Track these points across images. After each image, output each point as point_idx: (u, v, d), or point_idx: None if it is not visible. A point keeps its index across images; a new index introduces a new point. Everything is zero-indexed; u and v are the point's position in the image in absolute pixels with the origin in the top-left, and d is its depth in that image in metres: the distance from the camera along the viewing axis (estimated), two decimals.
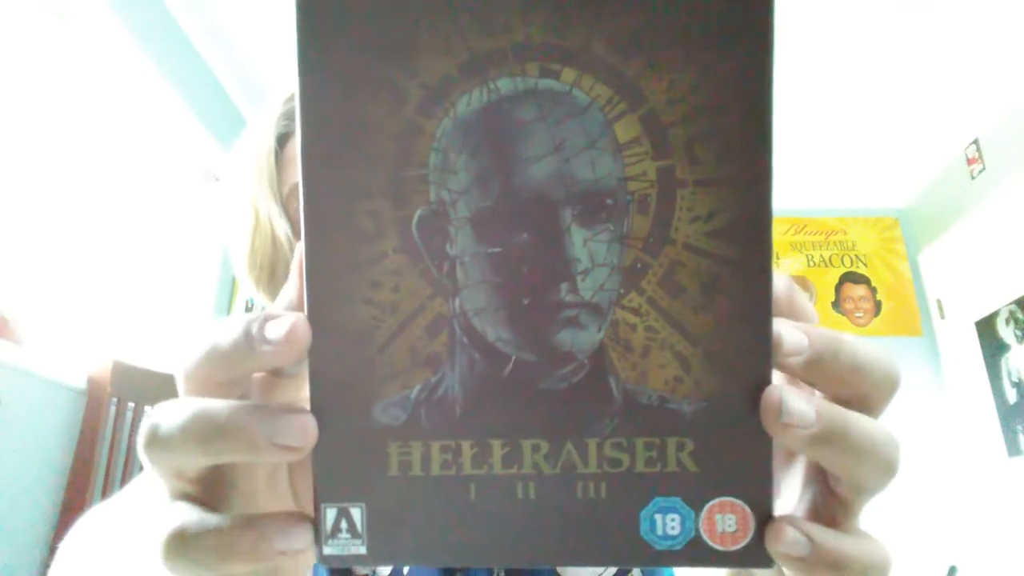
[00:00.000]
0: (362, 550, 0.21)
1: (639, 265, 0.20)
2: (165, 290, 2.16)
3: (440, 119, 0.20)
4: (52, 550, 0.42)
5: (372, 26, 0.19)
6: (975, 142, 2.73)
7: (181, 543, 0.20)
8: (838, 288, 3.15)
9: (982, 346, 2.71)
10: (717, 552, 0.20)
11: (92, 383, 1.57)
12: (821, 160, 3.01)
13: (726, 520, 0.20)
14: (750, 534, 0.20)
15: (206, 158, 2.32)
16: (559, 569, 0.58)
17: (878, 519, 0.36)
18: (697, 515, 0.21)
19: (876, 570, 0.21)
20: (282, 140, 0.59)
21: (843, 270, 3.18)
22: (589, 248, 0.20)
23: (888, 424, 0.22)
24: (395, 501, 0.21)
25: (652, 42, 0.19)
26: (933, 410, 2.90)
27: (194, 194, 2.29)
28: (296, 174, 0.66)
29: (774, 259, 0.20)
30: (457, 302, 0.21)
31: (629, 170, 0.20)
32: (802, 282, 3.16)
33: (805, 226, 3.26)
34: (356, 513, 0.21)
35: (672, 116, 0.20)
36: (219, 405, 0.20)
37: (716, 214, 0.20)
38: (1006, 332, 2.57)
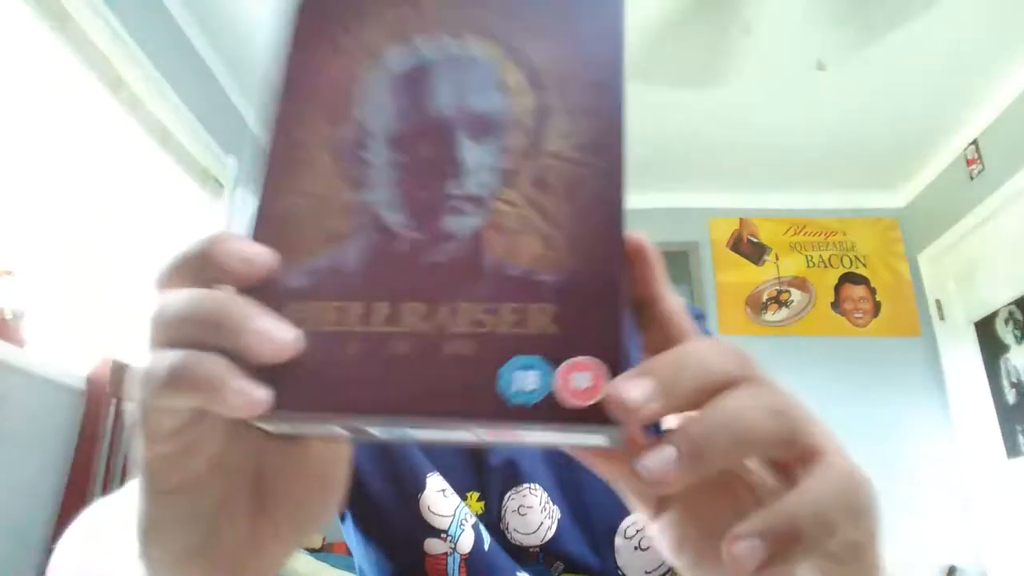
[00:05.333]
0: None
1: (516, 169, 0.25)
2: None
3: (373, 71, 0.27)
4: (52, 550, 0.42)
5: (338, 12, 0.28)
6: (974, 142, 2.73)
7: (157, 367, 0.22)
8: (837, 289, 3.15)
9: (981, 347, 2.71)
10: (569, 410, 0.22)
11: (92, 383, 1.57)
12: (821, 160, 3.01)
13: (581, 377, 0.22)
14: (601, 392, 0.22)
15: (206, 158, 2.32)
16: (621, 565, 0.58)
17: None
18: (553, 371, 0.22)
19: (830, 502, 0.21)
20: None
21: (842, 271, 3.18)
22: (476, 155, 0.26)
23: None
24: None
25: (531, 13, 0.27)
26: (932, 411, 2.91)
27: (194, 194, 2.29)
28: None
29: (625, 167, 0.25)
30: (366, 195, 0.26)
31: (511, 102, 0.26)
32: (801, 284, 3.16)
33: (805, 226, 3.26)
34: None
35: (546, 64, 0.27)
36: (214, 292, 0.23)
37: (579, 133, 0.26)
38: (1005, 333, 2.57)
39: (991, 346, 2.65)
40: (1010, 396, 2.55)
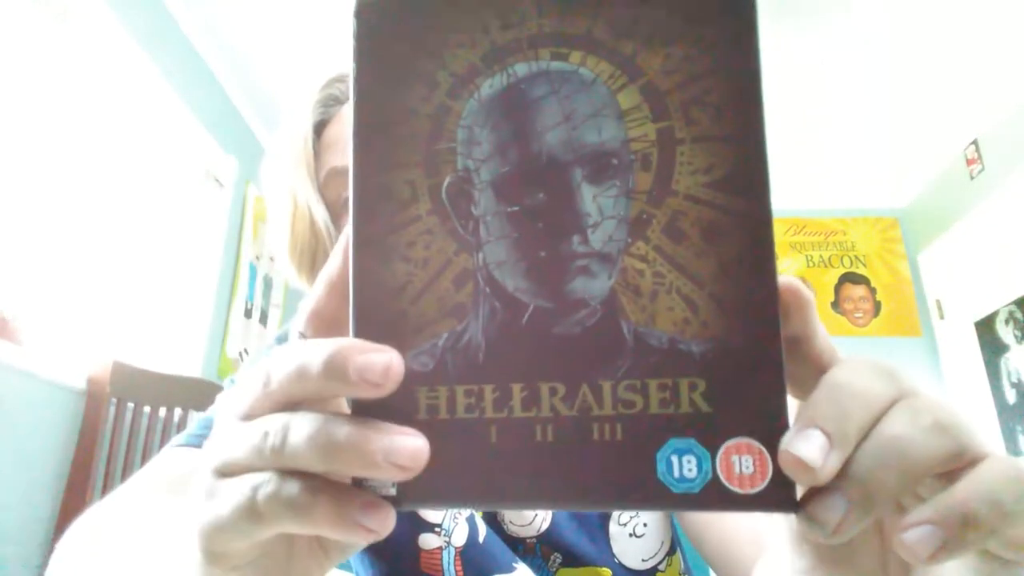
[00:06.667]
0: (392, 492, 0.22)
1: (644, 216, 0.22)
2: (165, 291, 2.16)
3: (466, 101, 0.23)
4: (52, 550, 0.42)
5: (412, 30, 0.23)
6: (975, 142, 2.73)
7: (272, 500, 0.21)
8: (837, 288, 3.15)
9: (981, 346, 2.71)
10: (736, 495, 0.20)
11: (92, 383, 1.57)
12: (821, 160, 3.01)
13: (743, 462, 0.21)
14: (768, 476, 0.20)
15: (206, 158, 2.32)
16: (616, 553, 0.58)
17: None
18: (713, 456, 0.21)
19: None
20: (318, 127, 0.59)
21: (843, 270, 3.18)
22: (598, 203, 0.22)
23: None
24: None
25: (646, 24, 0.22)
26: None
27: (194, 194, 2.29)
28: (333, 159, 0.65)
29: (771, 206, 0.21)
30: (480, 256, 0.23)
31: (631, 132, 0.22)
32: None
33: (805, 226, 3.26)
34: None
35: (668, 84, 0.22)
36: (339, 421, 0.21)
37: (713, 167, 0.22)
38: (1005, 332, 2.57)
39: (991, 346, 2.65)
40: (1010, 396, 2.55)
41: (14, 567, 1.38)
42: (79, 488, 1.48)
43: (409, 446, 0.21)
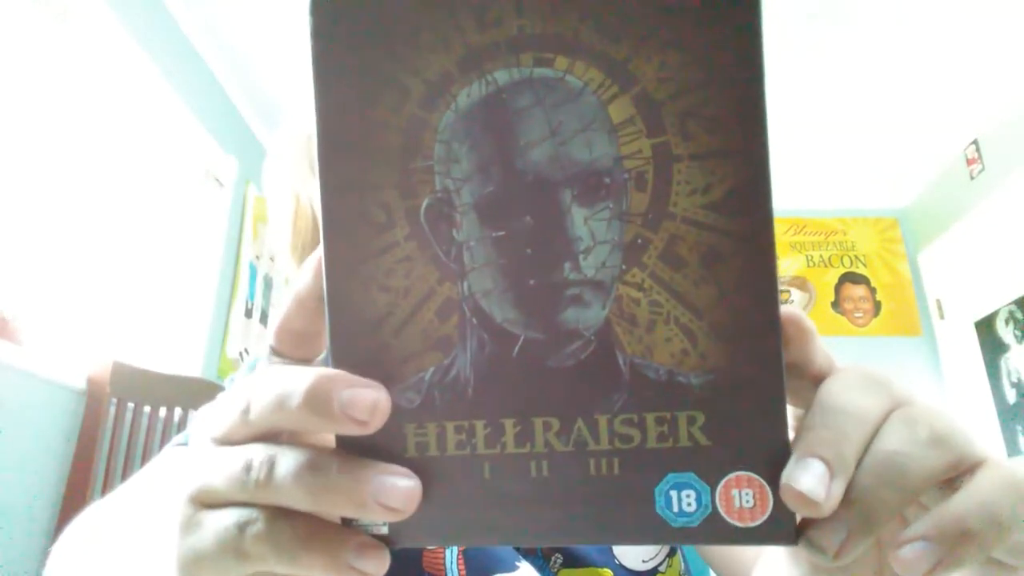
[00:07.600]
0: (384, 530, 0.21)
1: (640, 241, 0.21)
2: (165, 291, 2.16)
3: (443, 112, 0.21)
4: (51, 552, 0.42)
5: (377, 29, 0.21)
6: (975, 142, 2.73)
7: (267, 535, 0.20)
8: (837, 288, 3.15)
9: (981, 346, 2.71)
10: (736, 528, 0.20)
11: (92, 383, 1.57)
12: (821, 160, 3.01)
13: (743, 495, 0.20)
14: (769, 510, 0.20)
15: (206, 158, 2.32)
16: (617, 554, 0.58)
17: None
18: (713, 491, 0.20)
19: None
20: None
21: (843, 270, 3.18)
22: (590, 226, 0.21)
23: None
24: None
25: (639, 25, 0.20)
26: None
27: (194, 194, 2.29)
28: None
29: (773, 227, 0.20)
30: (465, 285, 0.21)
31: (624, 149, 0.20)
32: (801, 283, 3.16)
33: (805, 226, 3.26)
34: None
35: (663, 94, 0.20)
36: (327, 458, 0.20)
37: (713, 186, 0.20)
38: (1005, 332, 2.57)
39: (991, 346, 2.65)
40: (1010, 396, 2.55)
41: (14, 566, 1.38)
42: (79, 488, 1.48)
43: (401, 487, 0.20)
